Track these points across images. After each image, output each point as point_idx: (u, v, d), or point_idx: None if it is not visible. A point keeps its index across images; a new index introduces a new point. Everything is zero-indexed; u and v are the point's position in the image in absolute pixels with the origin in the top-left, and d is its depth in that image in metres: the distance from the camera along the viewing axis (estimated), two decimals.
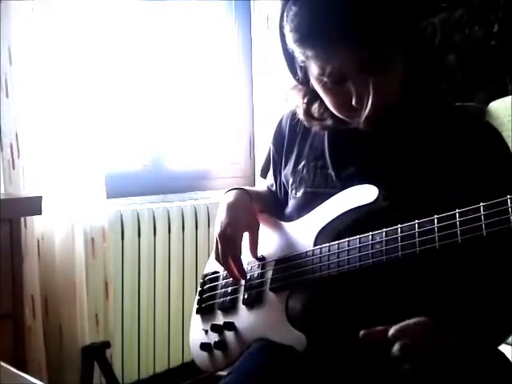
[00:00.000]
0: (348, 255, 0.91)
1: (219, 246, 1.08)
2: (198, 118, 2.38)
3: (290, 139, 1.15)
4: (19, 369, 0.72)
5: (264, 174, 1.28)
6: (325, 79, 0.93)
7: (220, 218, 1.11)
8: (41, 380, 0.70)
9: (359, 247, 0.90)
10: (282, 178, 1.16)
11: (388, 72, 0.93)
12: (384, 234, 0.87)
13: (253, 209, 1.14)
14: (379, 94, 0.92)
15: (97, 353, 1.66)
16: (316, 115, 1.06)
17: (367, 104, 0.91)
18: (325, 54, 0.90)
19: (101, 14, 1.85)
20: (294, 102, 1.09)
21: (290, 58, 0.99)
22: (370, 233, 0.89)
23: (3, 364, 0.73)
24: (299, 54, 0.94)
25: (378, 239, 0.87)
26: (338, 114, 1.00)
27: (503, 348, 1.04)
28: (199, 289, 1.20)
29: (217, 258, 1.10)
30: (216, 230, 1.10)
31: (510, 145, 1.00)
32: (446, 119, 1.00)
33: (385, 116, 0.98)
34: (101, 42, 1.83)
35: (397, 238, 0.85)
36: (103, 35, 1.89)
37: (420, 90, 1.00)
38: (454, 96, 1.97)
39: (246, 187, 1.20)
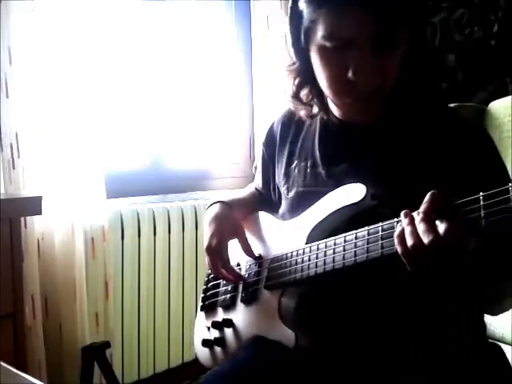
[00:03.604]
0: (334, 253, 0.92)
1: (208, 259, 1.12)
2: (198, 118, 2.38)
3: (281, 141, 1.17)
4: (19, 369, 0.72)
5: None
6: (327, 44, 0.93)
7: (205, 232, 1.15)
8: (41, 380, 0.70)
9: (344, 245, 0.90)
10: (276, 180, 1.18)
11: (393, 55, 0.93)
12: (366, 232, 0.87)
13: (233, 217, 1.17)
14: (380, 73, 0.93)
15: (97, 353, 1.66)
16: (304, 100, 1.07)
17: (365, 78, 0.92)
18: (340, 12, 0.90)
19: (101, 14, 1.85)
20: (286, 81, 1.09)
21: (296, 20, 0.98)
22: (354, 231, 0.89)
23: (3, 364, 0.73)
24: (310, 12, 0.93)
25: (360, 237, 0.88)
26: (329, 92, 0.99)
27: (503, 348, 1.04)
28: (203, 287, 1.24)
29: (210, 269, 1.15)
30: (204, 244, 1.13)
31: (510, 144, 1.00)
32: (438, 118, 1.00)
33: (377, 107, 0.99)
34: (101, 42, 1.84)
35: (378, 236, 0.85)
36: (103, 35, 1.89)
37: (416, 86, 1.01)
38: (455, 96, 1.97)
39: (224, 198, 1.22)
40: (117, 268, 1.92)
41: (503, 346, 1.03)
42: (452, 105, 1.51)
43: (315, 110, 1.07)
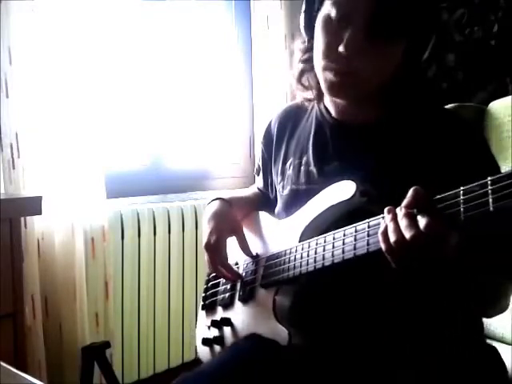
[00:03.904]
0: (324, 251, 0.92)
1: (207, 257, 1.13)
2: (198, 118, 2.38)
3: (278, 139, 1.18)
4: (19, 369, 0.72)
5: (258, 173, 1.31)
6: (332, 14, 0.95)
7: (204, 229, 1.15)
8: (41, 380, 0.70)
9: (333, 243, 0.91)
10: (273, 177, 1.19)
11: (389, 47, 0.94)
12: (354, 229, 0.87)
13: (233, 215, 1.17)
14: (371, 59, 0.93)
15: (97, 353, 1.66)
16: (305, 84, 1.09)
17: (354, 56, 0.93)
18: None
19: (101, 13, 1.85)
20: (294, 59, 1.11)
21: None
22: (343, 229, 0.89)
23: (3, 364, 0.73)
24: None
25: (348, 235, 0.88)
26: (321, 64, 1.00)
27: (503, 348, 1.05)
28: (204, 286, 1.25)
29: (209, 267, 1.15)
30: (203, 241, 1.14)
31: (510, 144, 1.00)
32: (431, 118, 1.00)
33: (372, 107, 1.00)
34: (101, 42, 1.84)
35: (365, 232, 0.85)
36: (103, 35, 1.89)
37: (414, 88, 1.00)
38: (455, 96, 1.97)
39: (225, 196, 1.23)
40: (117, 268, 1.92)
41: (503, 346, 1.04)
42: (452, 105, 1.51)
43: (313, 93, 1.07)
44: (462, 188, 0.71)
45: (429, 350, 0.93)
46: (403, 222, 0.76)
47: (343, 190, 0.94)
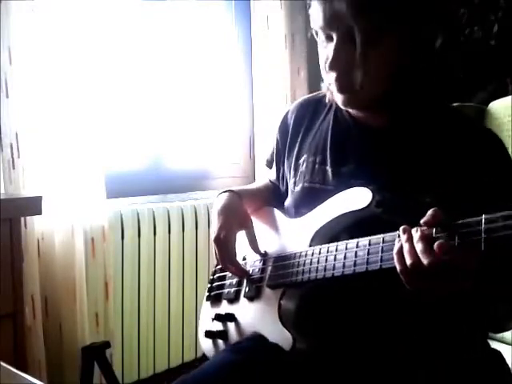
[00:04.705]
0: (335, 260, 0.91)
1: (216, 252, 1.11)
2: (198, 118, 2.37)
3: (293, 131, 1.15)
4: (19, 369, 0.72)
5: (270, 164, 1.27)
6: (319, 31, 0.95)
7: (214, 223, 1.13)
8: (41, 380, 0.70)
9: (345, 253, 0.89)
10: (285, 170, 1.16)
11: (374, 50, 0.91)
12: (368, 242, 0.86)
13: (243, 208, 1.15)
14: (358, 68, 0.92)
15: (97, 353, 1.66)
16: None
17: (338, 72, 0.93)
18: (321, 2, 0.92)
19: (101, 13, 1.85)
20: None
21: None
22: (356, 240, 0.88)
23: (3, 364, 0.73)
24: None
25: (361, 247, 0.86)
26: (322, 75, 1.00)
27: (503, 348, 1.04)
28: (210, 277, 1.23)
29: (218, 262, 1.14)
30: (212, 235, 1.12)
31: (510, 144, 0.99)
32: (448, 121, 0.99)
33: (388, 109, 0.98)
34: (101, 42, 1.83)
35: (379, 247, 0.84)
36: (103, 35, 1.89)
37: (423, 89, 0.99)
38: (455, 96, 1.97)
39: (235, 188, 1.21)
40: (117, 268, 1.92)
41: (503, 346, 1.03)
42: (452, 105, 1.51)
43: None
44: (484, 216, 0.70)
45: (434, 354, 0.92)
46: (419, 245, 0.75)
47: (359, 198, 0.92)
